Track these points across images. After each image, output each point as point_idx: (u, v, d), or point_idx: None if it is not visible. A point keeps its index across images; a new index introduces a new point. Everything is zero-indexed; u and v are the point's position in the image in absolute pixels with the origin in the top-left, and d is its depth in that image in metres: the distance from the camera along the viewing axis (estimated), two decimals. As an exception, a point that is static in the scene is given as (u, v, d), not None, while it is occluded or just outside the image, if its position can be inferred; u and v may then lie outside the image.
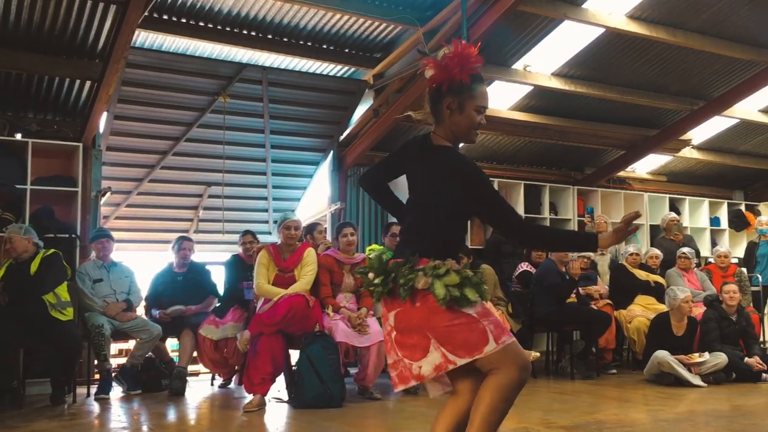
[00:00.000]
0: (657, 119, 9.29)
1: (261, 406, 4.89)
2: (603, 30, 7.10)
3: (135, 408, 5.20)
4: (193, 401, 5.48)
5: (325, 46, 7.43)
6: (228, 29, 6.92)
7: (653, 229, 9.67)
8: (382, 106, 7.86)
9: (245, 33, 7.01)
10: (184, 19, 6.69)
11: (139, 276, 6.26)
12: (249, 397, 5.01)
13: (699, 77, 8.36)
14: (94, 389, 5.64)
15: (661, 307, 6.87)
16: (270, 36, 7.13)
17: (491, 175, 8.35)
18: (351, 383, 5.56)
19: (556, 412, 4.72)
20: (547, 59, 7.67)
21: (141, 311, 6.25)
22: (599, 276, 7.68)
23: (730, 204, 10.83)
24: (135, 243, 9.50)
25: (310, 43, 7.34)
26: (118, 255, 6.26)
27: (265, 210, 9.48)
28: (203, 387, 6.33)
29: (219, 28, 6.88)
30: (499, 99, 8.33)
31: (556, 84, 7.95)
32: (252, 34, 7.04)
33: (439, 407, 2.37)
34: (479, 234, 8.27)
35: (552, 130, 8.90)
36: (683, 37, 7.31)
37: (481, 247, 7.95)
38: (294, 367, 5.27)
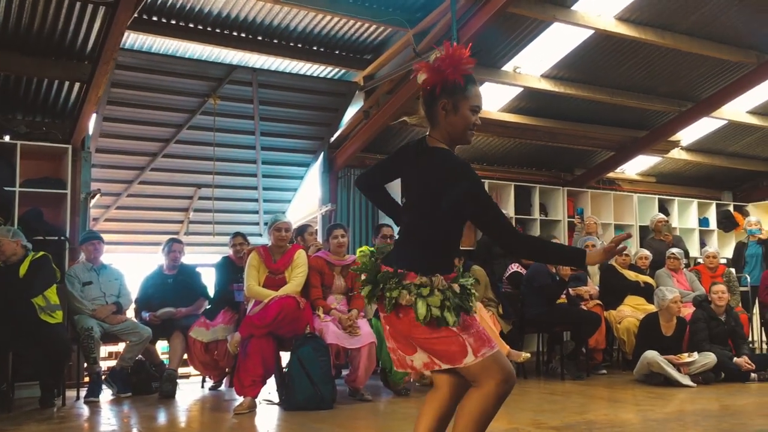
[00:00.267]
0: (646, 120, 9.34)
1: (251, 408, 4.88)
2: (592, 32, 7.13)
3: (125, 411, 5.17)
4: (184, 404, 5.47)
5: (316, 47, 7.43)
6: (218, 31, 6.92)
7: (643, 230, 9.71)
8: (372, 107, 7.86)
9: (235, 34, 7.01)
10: (173, 21, 6.68)
11: (129, 278, 6.23)
12: (239, 400, 5.00)
13: (687, 79, 8.42)
14: (83, 392, 5.61)
15: (651, 308, 6.90)
16: (260, 37, 7.12)
17: (481, 177, 8.36)
18: (342, 385, 5.56)
19: (546, 412, 4.73)
20: (537, 61, 7.70)
21: (131, 314, 6.23)
22: (589, 277, 7.71)
23: (718, 205, 10.91)
24: (125, 245, 9.46)
25: (300, 45, 7.34)
26: (107, 257, 6.23)
27: (256, 212, 9.46)
28: (194, 389, 6.30)
29: (209, 29, 6.88)
30: (489, 100, 8.34)
31: (545, 86, 7.98)
32: (242, 35, 7.04)
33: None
34: (470, 235, 8.27)
35: (542, 131, 8.93)
36: (672, 39, 7.36)
37: (472, 249, 7.96)
38: (285, 369, 5.26)
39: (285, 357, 5.35)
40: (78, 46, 6.17)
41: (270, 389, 5.46)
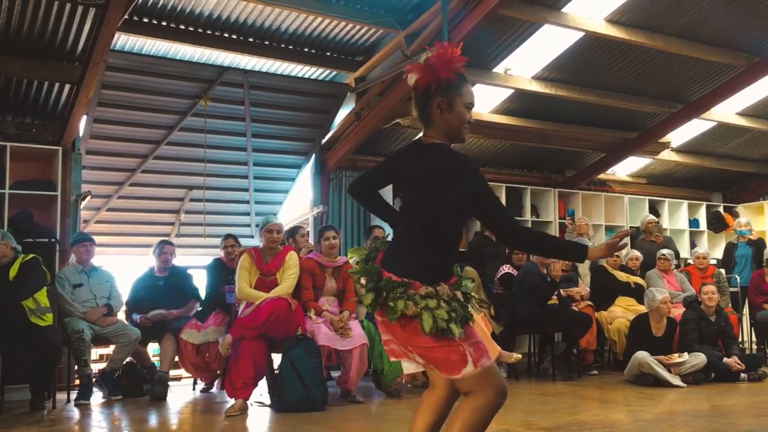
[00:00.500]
0: (636, 122, 9.38)
1: (243, 410, 4.87)
2: (582, 34, 7.16)
3: (116, 414, 5.15)
4: (175, 406, 5.45)
5: (307, 49, 7.43)
6: (209, 32, 6.91)
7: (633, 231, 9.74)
8: (363, 109, 7.87)
9: (226, 36, 7.00)
10: (164, 22, 6.67)
11: (120, 280, 6.21)
12: (231, 402, 4.98)
13: (677, 80, 8.46)
14: (74, 395, 5.59)
15: (642, 309, 6.92)
16: (251, 39, 7.12)
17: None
18: (333, 386, 5.55)
19: (537, 413, 4.74)
20: (528, 63, 7.72)
21: (122, 316, 6.20)
22: (580, 278, 7.74)
23: (708, 206, 10.97)
24: (115, 247, 9.44)
25: (291, 47, 7.34)
26: (98, 259, 6.20)
27: (247, 213, 9.44)
28: (185, 392, 6.29)
29: (200, 31, 6.87)
30: (480, 102, 8.36)
31: (536, 87, 8.00)
32: (233, 37, 7.03)
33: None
34: (462, 237, 8.30)
35: (533, 133, 8.95)
36: (662, 41, 7.39)
37: (464, 250, 7.97)
38: (276, 371, 5.26)
39: (276, 359, 5.35)
40: (68, 47, 6.14)
41: (261, 391, 5.45)
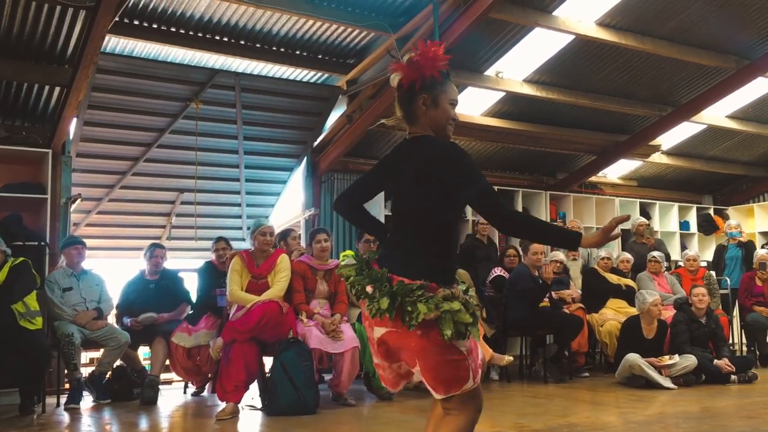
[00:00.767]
0: (627, 125, 9.42)
1: (234, 413, 4.86)
2: (573, 37, 7.19)
3: (106, 418, 5.12)
4: (166, 410, 5.43)
5: (298, 52, 7.43)
6: (200, 35, 6.90)
7: (624, 233, 9.77)
8: (355, 112, 7.87)
9: (217, 39, 6.99)
10: (155, 25, 6.65)
11: (110, 284, 6.17)
12: (222, 405, 4.97)
13: (667, 84, 8.50)
14: (64, 399, 5.55)
15: (633, 311, 6.94)
16: (243, 42, 7.11)
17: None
18: (325, 390, 5.54)
19: (529, 415, 4.74)
20: (519, 66, 7.75)
21: (112, 319, 6.17)
22: (572, 280, 7.75)
23: (699, 208, 11.03)
24: (106, 250, 9.40)
25: (283, 49, 7.33)
26: (88, 263, 6.17)
27: (239, 216, 9.42)
28: (176, 395, 6.26)
29: (191, 33, 6.85)
30: (472, 105, 8.38)
31: (527, 90, 8.02)
32: (224, 39, 7.02)
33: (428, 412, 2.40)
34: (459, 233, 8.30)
35: (524, 135, 8.98)
36: (652, 44, 7.43)
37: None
38: (267, 374, 5.24)
39: (268, 362, 5.34)
40: (58, 49, 6.11)
41: (253, 394, 5.44)
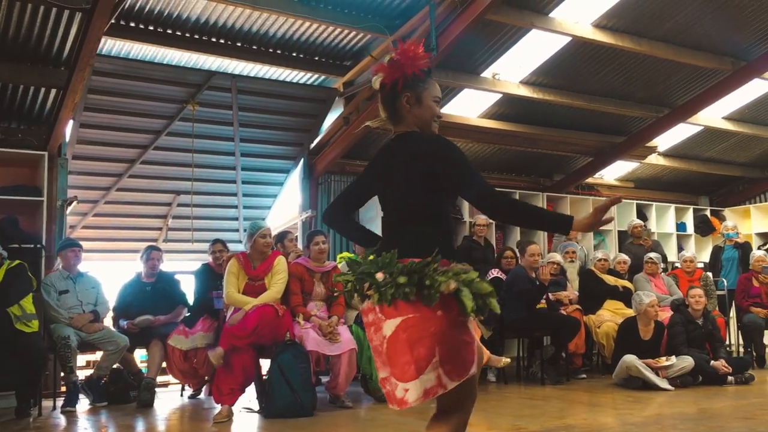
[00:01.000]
0: (623, 126, 9.43)
1: (229, 416, 4.83)
2: (569, 39, 7.19)
3: (102, 420, 5.11)
4: (162, 413, 5.41)
5: (295, 54, 7.43)
6: (197, 37, 6.89)
7: (621, 235, 9.80)
8: (352, 113, 7.87)
9: (214, 41, 6.98)
10: (151, 27, 6.64)
11: (107, 286, 6.16)
12: (219, 408, 4.95)
13: (664, 85, 8.51)
14: (60, 402, 5.53)
15: (630, 312, 6.94)
16: (239, 44, 7.11)
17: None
18: (322, 392, 5.54)
19: (526, 417, 4.74)
20: (516, 67, 7.75)
21: (109, 322, 6.16)
22: (569, 282, 7.75)
23: (695, 209, 11.05)
24: (102, 253, 9.37)
25: (279, 51, 7.33)
26: (84, 265, 6.16)
27: (236, 218, 9.41)
28: (172, 398, 6.25)
29: (187, 35, 6.85)
30: (469, 107, 8.39)
31: (524, 92, 8.03)
32: (221, 41, 7.02)
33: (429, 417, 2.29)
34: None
35: (521, 137, 8.99)
36: (648, 46, 7.44)
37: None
38: (264, 377, 5.23)
39: (265, 364, 5.32)
40: (54, 52, 6.09)
41: (250, 397, 5.43)
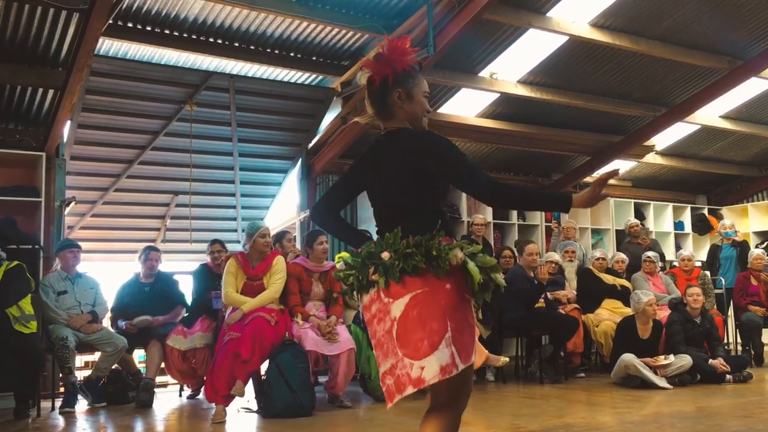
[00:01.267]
0: (621, 126, 9.44)
1: (224, 415, 4.80)
2: (567, 38, 7.20)
3: (101, 421, 5.11)
4: (161, 413, 5.41)
5: (293, 54, 7.43)
6: (194, 37, 6.89)
7: (619, 234, 9.81)
8: (350, 113, 7.86)
9: (212, 41, 6.98)
10: (149, 27, 6.64)
11: (105, 287, 6.16)
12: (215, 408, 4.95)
13: (661, 84, 8.52)
14: (59, 403, 5.53)
15: (628, 311, 6.95)
16: (237, 44, 7.10)
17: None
18: (321, 392, 5.54)
19: (524, 416, 4.75)
20: (513, 67, 7.76)
21: (107, 322, 6.15)
22: (567, 281, 7.76)
23: (693, 208, 11.06)
24: (100, 253, 9.36)
25: (277, 51, 7.33)
26: (82, 266, 6.15)
27: (234, 219, 9.41)
28: (171, 398, 6.24)
29: (185, 36, 6.84)
30: (466, 106, 8.39)
31: (522, 91, 8.04)
32: (218, 42, 7.01)
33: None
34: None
35: (518, 136, 8.99)
36: (645, 45, 7.45)
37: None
38: (263, 377, 5.23)
39: (264, 364, 5.32)
40: (52, 52, 6.09)
41: (249, 397, 5.42)
